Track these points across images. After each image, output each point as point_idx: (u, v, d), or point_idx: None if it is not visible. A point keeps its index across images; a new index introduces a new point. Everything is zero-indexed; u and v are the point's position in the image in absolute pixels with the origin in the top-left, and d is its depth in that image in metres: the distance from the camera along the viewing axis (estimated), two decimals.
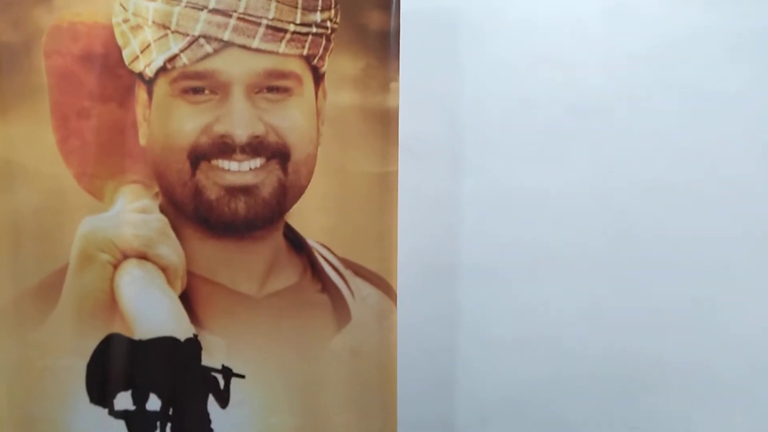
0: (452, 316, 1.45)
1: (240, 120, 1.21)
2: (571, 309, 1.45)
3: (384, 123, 1.30)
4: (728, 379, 1.45)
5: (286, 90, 1.24)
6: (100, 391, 1.29)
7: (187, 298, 1.29)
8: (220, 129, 1.22)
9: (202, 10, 1.18)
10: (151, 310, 1.28)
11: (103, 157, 1.26)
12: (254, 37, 1.20)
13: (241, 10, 1.19)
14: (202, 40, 1.19)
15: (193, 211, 1.28)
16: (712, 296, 1.43)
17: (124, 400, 1.29)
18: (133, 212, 1.27)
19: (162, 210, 1.29)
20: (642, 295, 1.44)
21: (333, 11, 1.25)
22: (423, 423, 1.48)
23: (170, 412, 1.29)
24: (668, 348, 1.45)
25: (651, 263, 1.44)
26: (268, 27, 1.21)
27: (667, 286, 1.44)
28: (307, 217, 1.29)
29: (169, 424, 1.30)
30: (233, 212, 1.28)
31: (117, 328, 1.29)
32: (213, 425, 1.29)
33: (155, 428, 1.29)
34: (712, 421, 1.46)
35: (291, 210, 1.28)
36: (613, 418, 1.48)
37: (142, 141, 1.26)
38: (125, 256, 1.28)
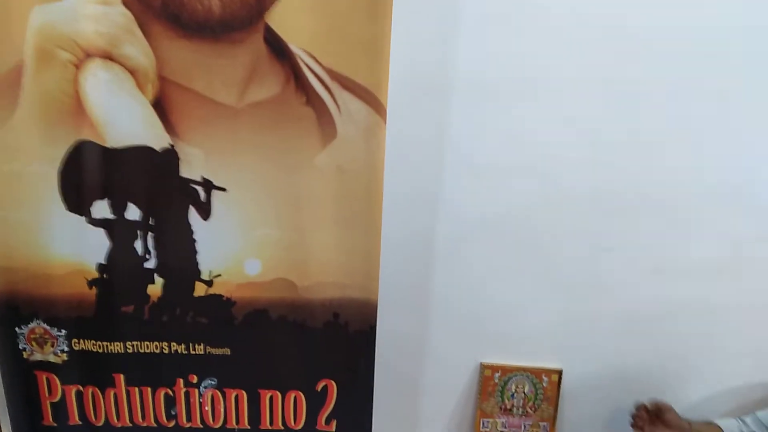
0: (442, 135, 1.40)
1: None
2: (564, 134, 1.40)
3: None
4: (700, 204, 1.48)
5: None
6: (76, 199, 1.26)
7: (160, 106, 1.20)
8: None
9: None
10: (122, 117, 1.20)
11: None
12: None
13: None
14: None
15: (161, 7, 1.14)
16: (703, 120, 1.40)
17: (102, 209, 1.27)
18: (92, 3, 1.12)
19: (126, 4, 1.14)
20: (633, 121, 1.40)
21: None
22: (405, 240, 1.51)
23: (151, 222, 1.28)
24: (648, 173, 1.44)
25: (650, 87, 1.37)
26: None
27: (657, 112, 1.39)
28: (289, 18, 1.16)
29: (150, 234, 1.29)
30: (207, 9, 1.14)
31: (87, 135, 1.22)
32: (195, 236, 1.29)
33: (136, 237, 1.29)
34: (682, 243, 1.52)
35: (271, 9, 1.14)
36: (588, 240, 1.52)
37: None
38: (87, 55, 1.16)
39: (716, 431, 1.53)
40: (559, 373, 1.68)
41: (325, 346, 1.40)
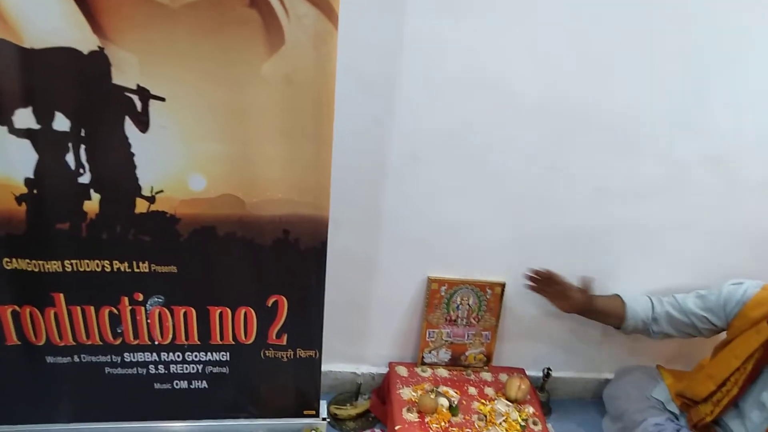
0: (397, 46, 1.34)
1: None
2: (519, 53, 1.37)
3: None
4: (644, 127, 1.51)
5: None
6: None
7: (85, 2, 1.07)
8: None
9: None
10: (39, 13, 1.07)
11: None
12: None
13: None
14: None
15: None
16: (653, 47, 1.40)
17: (25, 118, 1.16)
18: None
19: None
20: (586, 44, 1.38)
21: None
22: (356, 156, 1.48)
23: (82, 134, 1.18)
24: (597, 96, 1.45)
25: (603, 12, 1.35)
26: None
27: (609, 37, 1.38)
28: None
29: (83, 146, 1.20)
30: None
31: (0, 34, 1.08)
32: (133, 150, 1.21)
33: (66, 149, 1.19)
34: (625, 164, 1.57)
35: None
36: (536, 159, 1.54)
37: None
38: None
39: (617, 302, 1.65)
40: (502, 285, 1.75)
41: (275, 262, 1.39)
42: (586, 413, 1.94)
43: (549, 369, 1.86)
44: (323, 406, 1.68)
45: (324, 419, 1.67)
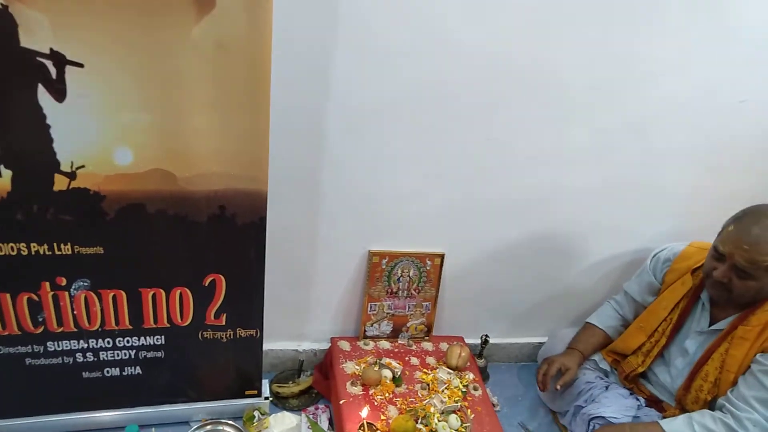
0: (335, 11, 1.29)
1: None
2: (458, 20, 1.36)
3: None
4: (576, 101, 1.56)
5: None
6: None
7: None
8: None
9: None
10: None
11: None
12: None
13: None
14: None
15: None
16: (583, 16, 1.44)
17: None
18: None
19: None
20: (524, 11, 1.39)
21: None
22: (294, 127, 1.43)
23: None
24: (531, 65, 1.47)
25: None
26: None
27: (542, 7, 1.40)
28: None
29: None
30: None
31: None
32: (49, 121, 1.11)
33: None
34: (556, 132, 1.62)
35: None
36: (474, 130, 1.56)
37: None
38: None
39: (594, 331, 1.77)
40: (442, 256, 1.78)
41: (212, 240, 1.33)
42: (522, 376, 2.03)
43: (487, 336, 1.92)
44: (265, 385, 1.66)
45: (266, 398, 1.64)
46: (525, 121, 1.58)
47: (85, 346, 1.40)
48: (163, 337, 1.44)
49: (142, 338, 1.43)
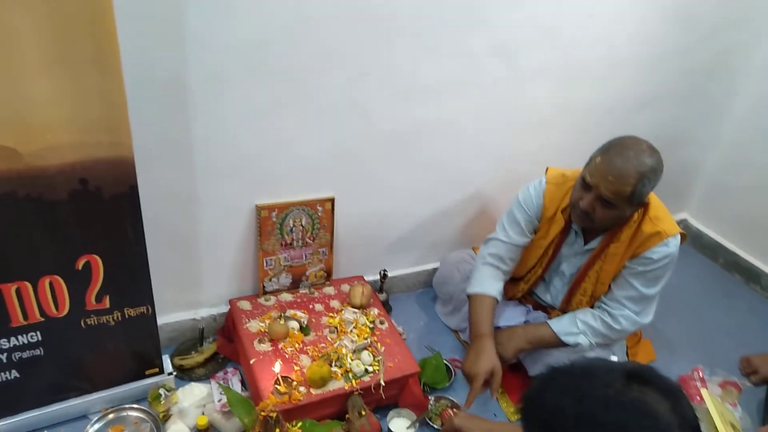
0: None
1: None
2: None
3: None
4: (445, 28, 1.57)
5: None
6: None
7: None
8: None
9: None
10: None
11: None
12: None
13: None
14: None
15: None
16: None
17: None
18: None
19: None
20: None
21: None
22: (153, 83, 1.29)
23: None
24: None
25: None
26: None
27: None
28: None
29: None
30: None
31: None
32: None
33: None
34: (426, 65, 1.62)
35: None
36: (346, 66, 1.51)
37: None
38: None
39: (485, 300, 1.68)
40: (332, 200, 1.75)
41: (77, 218, 1.19)
42: (422, 303, 2.12)
43: (385, 271, 1.96)
44: (166, 360, 1.57)
45: (170, 374, 1.56)
46: (395, 55, 1.56)
47: None
48: (38, 333, 1.29)
49: (13, 339, 1.27)
